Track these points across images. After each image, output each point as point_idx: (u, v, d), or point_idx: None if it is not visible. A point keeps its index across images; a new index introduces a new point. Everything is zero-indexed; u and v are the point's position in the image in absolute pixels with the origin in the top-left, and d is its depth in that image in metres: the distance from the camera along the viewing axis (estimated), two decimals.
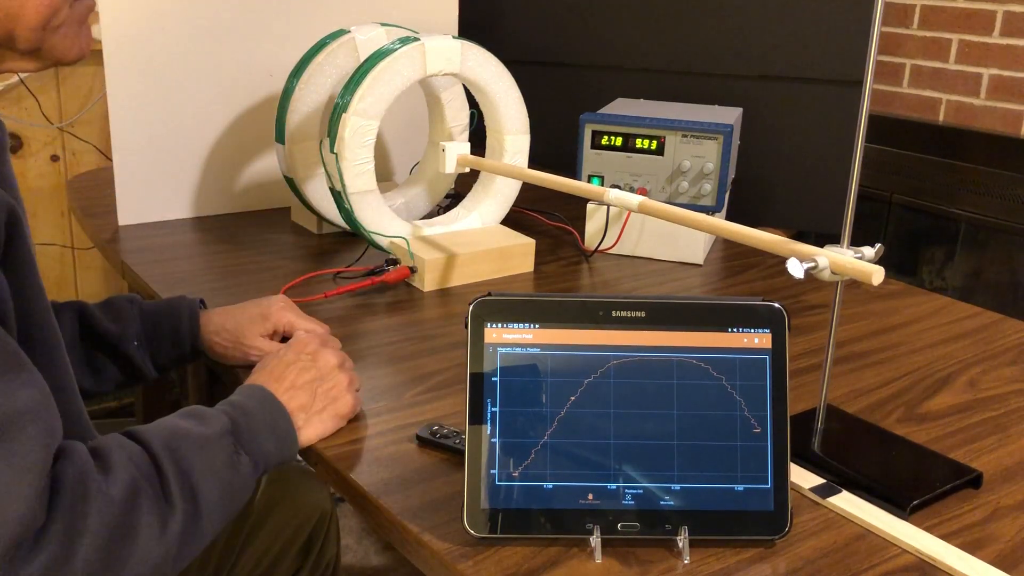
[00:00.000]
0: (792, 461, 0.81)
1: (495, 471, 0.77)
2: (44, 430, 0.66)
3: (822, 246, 0.82)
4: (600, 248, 1.48)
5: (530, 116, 1.44)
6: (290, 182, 1.47)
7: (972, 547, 0.79)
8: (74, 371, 1.01)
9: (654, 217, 1.03)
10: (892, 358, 1.15)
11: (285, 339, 1.04)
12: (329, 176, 1.34)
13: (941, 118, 2.69)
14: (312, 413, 0.88)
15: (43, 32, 0.77)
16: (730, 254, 1.52)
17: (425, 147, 1.60)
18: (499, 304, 0.79)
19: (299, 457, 0.89)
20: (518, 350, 0.79)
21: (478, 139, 1.48)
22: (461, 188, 1.56)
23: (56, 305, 1.02)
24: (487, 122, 1.44)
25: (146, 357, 1.04)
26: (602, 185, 1.46)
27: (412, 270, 1.30)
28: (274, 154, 1.61)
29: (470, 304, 0.79)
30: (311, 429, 0.88)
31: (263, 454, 0.81)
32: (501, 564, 0.74)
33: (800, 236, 0.96)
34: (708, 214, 1.09)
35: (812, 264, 0.79)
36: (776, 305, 0.80)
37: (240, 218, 1.58)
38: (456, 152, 1.36)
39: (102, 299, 1.07)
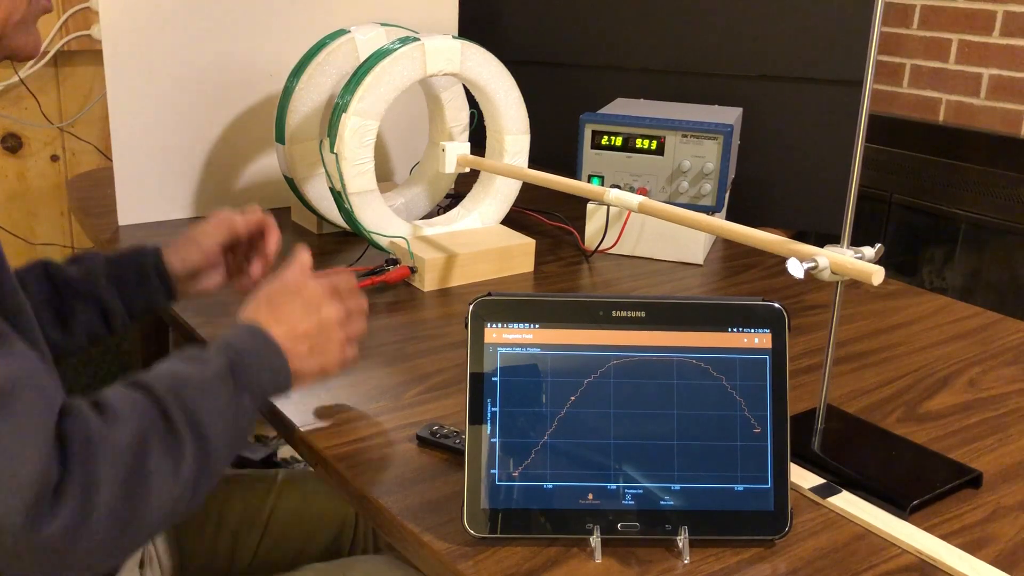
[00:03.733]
0: (792, 461, 0.81)
1: (495, 471, 0.77)
2: (42, 392, 0.67)
3: (822, 246, 0.82)
4: (600, 248, 1.47)
5: (530, 116, 1.44)
6: (290, 182, 1.47)
7: (972, 547, 0.79)
8: (44, 328, 0.98)
9: (654, 217, 1.03)
10: (892, 358, 1.15)
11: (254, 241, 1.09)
12: (329, 176, 1.34)
13: (941, 118, 2.69)
14: (303, 360, 0.87)
15: (2, 28, 0.81)
16: (730, 254, 1.52)
17: (425, 147, 1.60)
18: (499, 304, 0.79)
19: (307, 464, 0.89)
20: (518, 350, 0.79)
21: (478, 139, 1.48)
22: (461, 188, 1.56)
23: (20, 270, 1.00)
24: (487, 122, 1.44)
25: (115, 297, 1.03)
26: (602, 185, 1.46)
27: (412, 270, 1.30)
28: (274, 154, 1.61)
29: (470, 304, 0.79)
30: (299, 378, 0.87)
31: (261, 389, 0.82)
32: (501, 564, 0.74)
33: (800, 236, 0.96)
34: (708, 214, 1.09)
35: (812, 264, 0.79)
36: (776, 305, 0.80)
37: None
38: (456, 152, 1.36)
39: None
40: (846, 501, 0.84)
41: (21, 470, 0.62)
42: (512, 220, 1.49)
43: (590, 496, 0.77)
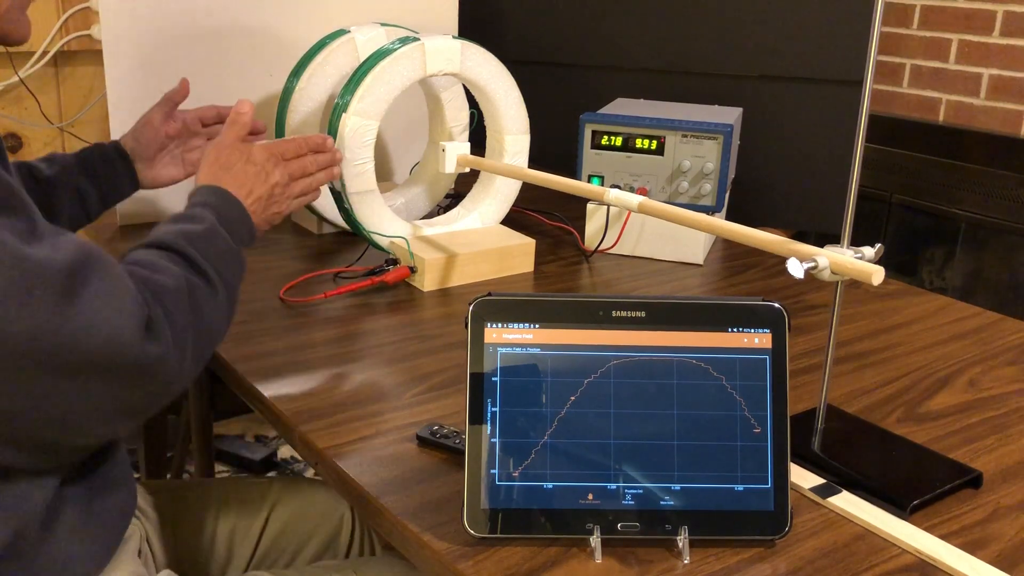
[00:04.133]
0: (792, 461, 0.81)
1: (495, 471, 0.77)
2: (107, 254, 0.78)
3: (822, 246, 0.82)
4: (600, 248, 1.48)
5: (530, 116, 1.44)
6: None
7: (972, 547, 0.79)
8: None
9: (654, 217, 1.03)
10: (892, 358, 1.15)
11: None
12: None
13: (941, 118, 2.69)
14: (258, 217, 1.06)
15: None
16: (730, 254, 1.52)
17: (425, 147, 1.60)
18: (499, 304, 0.79)
19: (307, 464, 0.89)
20: (518, 350, 0.79)
21: (478, 139, 1.48)
22: (461, 188, 1.56)
23: None
24: (487, 122, 1.44)
25: (89, 184, 1.19)
26: (602, 185, 1.46)
27: (412, 270, 1.30)
28: None
29: (470, 304, 0.79)
30: (257, 231, 1.06)
31: (240, 239, 0.98)
32: (501, 564, 0.74)
33: (800, 236, 0.97)
34: (708, 214, 1.09)
35: (812, 264, 0.79)
36: (776, 305, 0.80)
37: None
38: (456, 152, 1.36)
39: None
40: (846, 501, 0.84)
41: (128, 306, 0.75)
42: (512, 220, 1.49)
43: (590, 496, 0.77)
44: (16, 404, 0.71)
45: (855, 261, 0.79)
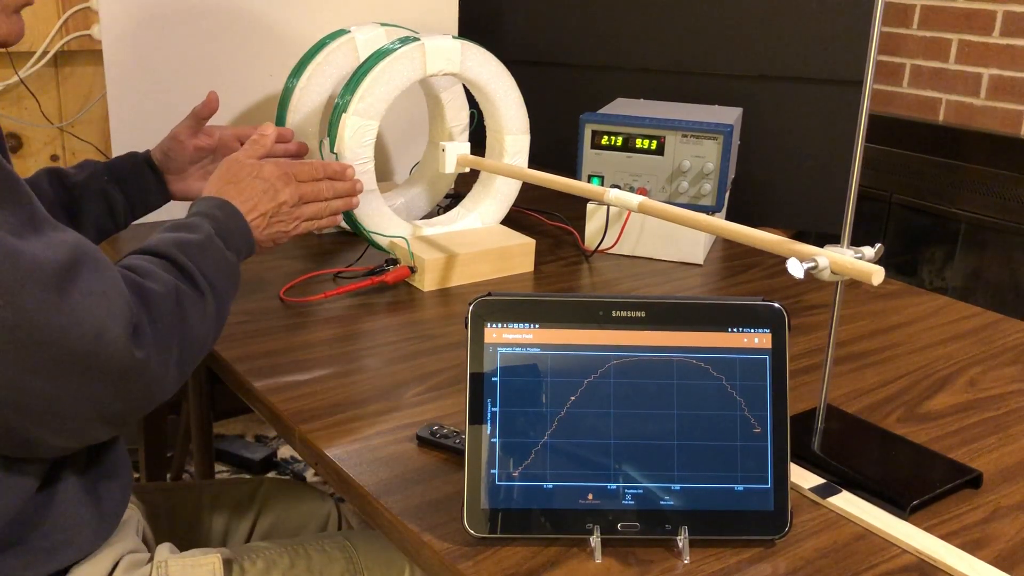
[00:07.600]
0: (792, 461, 0.81)
1: (495, 471, 0.77)
2: (102, 255, 0.79)
3: (822, 246, 0.82)
4: (600, 248, 1.48)
5: (530, 116, 1.44)
6: None
7: (972, 547, 0.79)
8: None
9: (654, 217, 1.03)
10: (892, 358, 1.15)
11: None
12: None
13: (941, 118, 2.69)
14: (260, 232, 1.06)
15: None
16: (730, 254, 1.52)
17: (425, 147, 1.60)
18: (499, 304, 0.79)
19: (307, 464, 0.90)
20: (518, 350, 0.79)
21: (478, 139, 1.48)
22: (461, 188, 1.56)
23: (28, 180, 1.11)
24: (487, 122, 1.44)
25: (118, 192, 1.19)
26: (602, 185, 1.46)
27: (412, 270, 1.30)
28: None
29: (470, 304, 0.79)
30: (257, 246, 1.06)
31: (237, 250, 0.98)
32: (501, 564, 0.74)
33: (800, 236, 0.96)
34: (708, 214, 1.09)
35: (812, 264, 0.79)
36: (776, 305, 0.80)
37: None
38: (456, 152, 1.36)
39: None
40: (846, 501, 0.84)
41: (117, 308, 0.75)
42: (512, 220, 1.49)
43: (590, 496, 0.77)
44: None
45: (855, 261, 0.79)
